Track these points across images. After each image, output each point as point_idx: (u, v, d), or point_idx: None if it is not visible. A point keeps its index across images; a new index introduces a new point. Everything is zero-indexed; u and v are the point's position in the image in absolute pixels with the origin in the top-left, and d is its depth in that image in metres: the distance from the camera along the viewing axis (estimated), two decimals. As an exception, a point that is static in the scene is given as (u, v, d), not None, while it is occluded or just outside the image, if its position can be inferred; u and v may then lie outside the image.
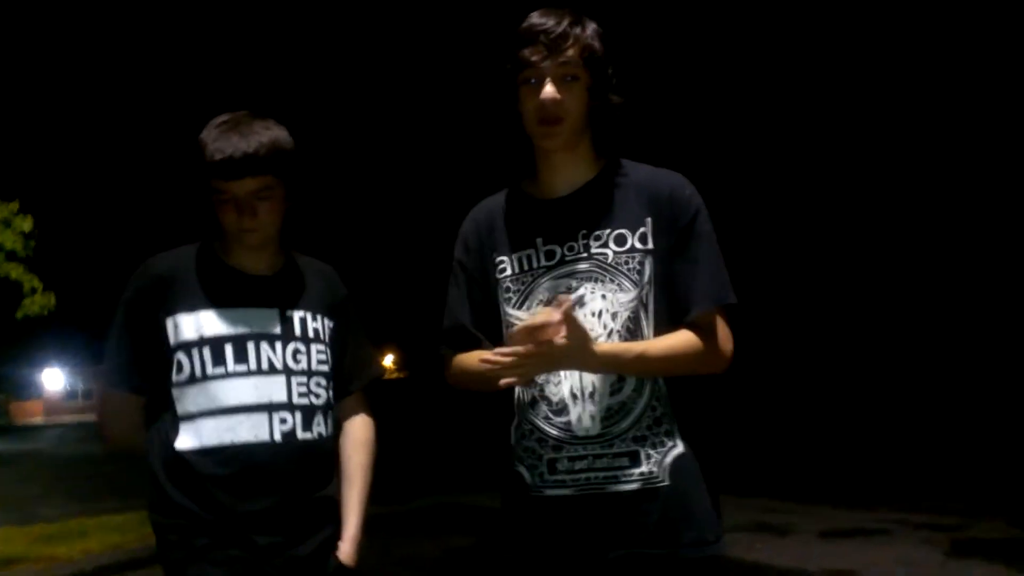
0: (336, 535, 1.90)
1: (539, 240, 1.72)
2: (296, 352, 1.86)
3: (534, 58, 1.64)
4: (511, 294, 1.72)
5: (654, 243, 1.68)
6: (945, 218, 19.29)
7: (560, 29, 1.64)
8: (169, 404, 1.81)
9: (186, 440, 1.78)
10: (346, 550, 1.89)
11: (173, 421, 1.80)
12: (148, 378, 1.85)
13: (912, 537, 6.15)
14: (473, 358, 1.75)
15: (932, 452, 10.60)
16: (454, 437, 17.02)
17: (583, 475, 1.65)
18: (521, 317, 1.69)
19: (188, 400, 1.80)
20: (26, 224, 10.97)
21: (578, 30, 1.66)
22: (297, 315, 1.89)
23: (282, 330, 1.86)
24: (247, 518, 1.76)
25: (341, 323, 1.99)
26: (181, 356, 1.80)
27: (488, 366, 1.56)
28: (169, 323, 1.81)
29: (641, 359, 1.61)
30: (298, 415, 1.83)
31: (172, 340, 1.81)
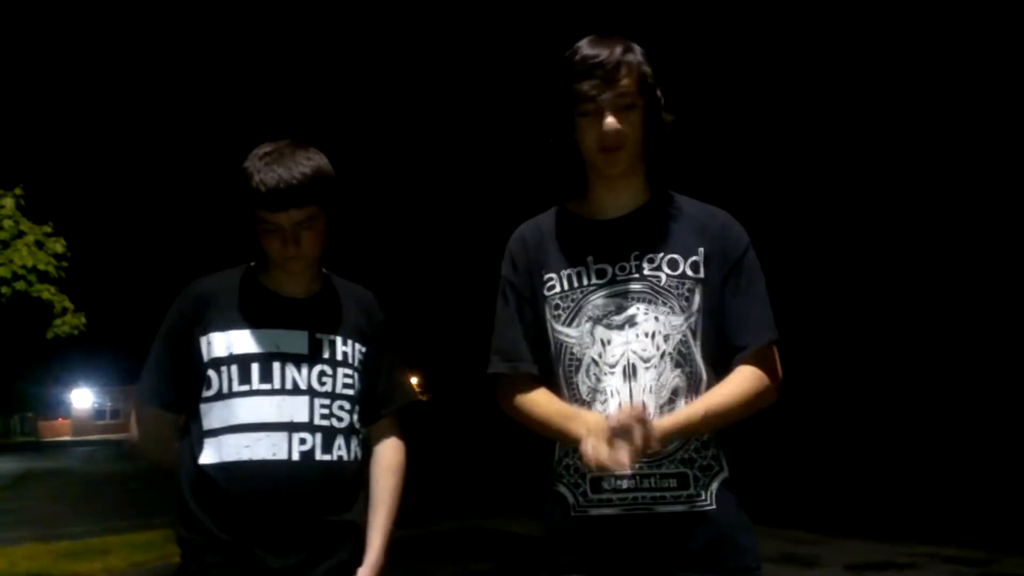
0: (355, 560, 1.89)
1: (590, 258, 1.73)
2: (322, 374, 1.88)
3: (592, 92, 1.65)
4: (560, 311, 1.73)
5: (705, 273, 1.70)
6: (979, 250, 19.08)
7: (614, 60, 1.66)
8: (197, 420, 1.86)
9: (208, 455, 1.82)
10: (364, 574, 1.89)
11: (199, 437, 1.84)
12: (182, 396, 1.89)
13: (940, 571, 6.04)
14: (547, 401, 1.74)
15: (961, 486, 10.42)
16: (476, 461, 16.98)
17: (630, 495, 1.65)
18: (570, 334, 1.70)
19: (213, 416, 1.83)
20: (58, 246, 11.18)
21: (630, 57, 1.68)
22: (327, 338, 1.91)
23: (310, 352, 1.88)
24: (260, 536, 1.77)
25: (375, 349, 2.01)
26: (211, 373, 1.85)
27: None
28: (203, 341, 1.86)
29: (708, 417, 1.62)
30: (318, 436, 1.84)
31: (205, 357, 1.85)
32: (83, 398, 55.05)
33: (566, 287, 1.73)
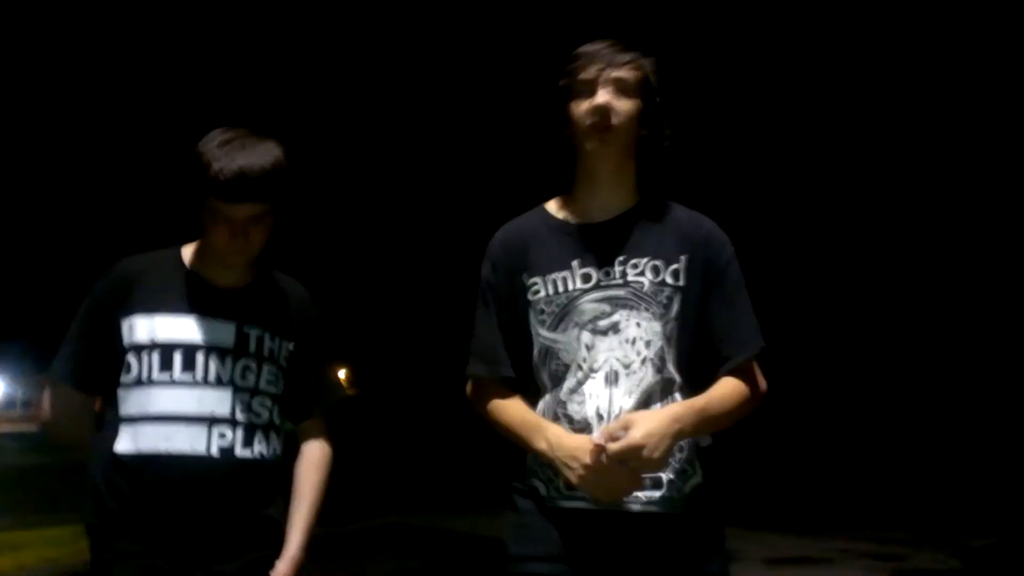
0: (273, 557, 1.86)
1: (575, 263, 1.72)
2: (246, 369, 1.84)
3: (591, 71, 1.68)
4: (545, 316, 1.71)
5: (685, 281, 1.70)
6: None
7: (617, 48, 1.70)
8: (114, 404, 1.80)
9: (124, 443, 1.77)
10: (282, 569, 1.85)
11: (115, 422, 1.79)
12: (97, 377, 1.84)
13: (855, 566, 6.23)
14: (515, 410, 1.74)
15: (877, 481, 10.77)
16: (404, 456, 16.89)
17: None
18: (556, 339, 1.69)
19: (131, 402, 1.78)
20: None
21: (636, 54, 1.71)
22: (254, 332, 1.87)
23: (235, 345, 1.84)
24: (175, 529, 1.73)
25: (303, 346, 1.97)
26: (131, 358, 1.79)
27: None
28: (125, 324, 1.80)
29: (703, 413, 1.63)
30: (239, 431, 1.80)
31: (125, 340, 1.80)
32: (-8, 388, 52.98)
33: (551, 291, 1.72)
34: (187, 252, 1.92)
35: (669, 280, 1.69)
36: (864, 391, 17.89)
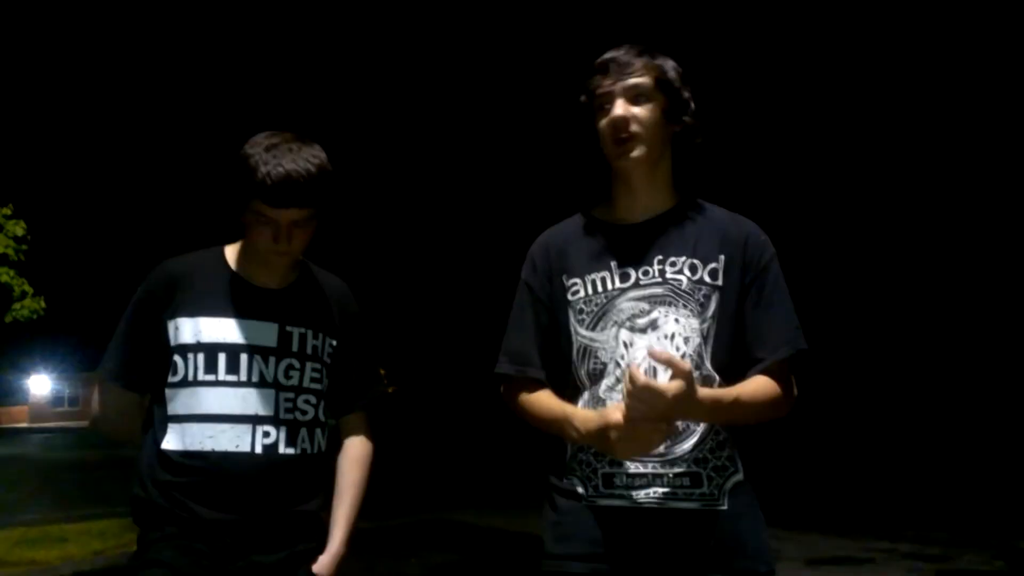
0: (314, 551, 1.89)
1: (613, 263, 1.73)
2: (289, 368, 1.86)
3: (605, 83, 1.70)
4: (584, 315, 1.73)
5: (724, 281, 1.70)
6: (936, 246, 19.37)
7: (628, 57, 1.71)
8: (162, 403, 1.84)
9: (171, 441, 1.80)
10: (324, 562, 1.88)
11: (163, 420, 1.83)
12: (145, 377, 1.88)
13: (898, 566, 6.14)
14: (544, 403, 1.75)
15: (920, 482, 10.61)
16: (440, 453, 16.97)
17: (642, 491, 1.65)
18: (594, 338, 1.71)
19: (178, 402, 1.82)
20: (18, 228, 10.95)
21: (647, 58, 1.72)
22: (297, 331, 1.89)
23: (278, 345, 1.86)
24: (217, 526, 1.76)
25: (346, 342, 1.99)
26: (177, 358, 1.82)
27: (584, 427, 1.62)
28: (171, 325, 1.84)
29: (736, 404, 1.62)
30: (283, 430, 1.83)
31: (172, 342, 1.83)
32: (41, 384, 54.14)
33: (590, 291, 1.73)
34: (230, 253, 1.95)
35: (707, 279, 1.70)
36: (908, 389, 17.62)
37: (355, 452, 2.02)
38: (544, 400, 1.76)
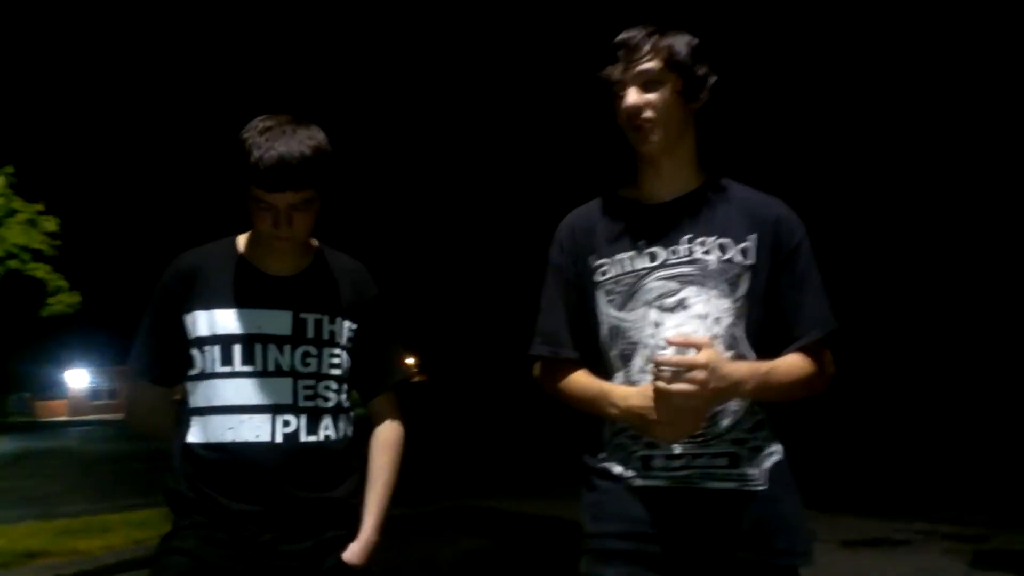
0: (344, 538, 1.89)
1: (641, 243, 1.73)
2: (306, 355, 1.86)
3: (616, 72, 1.70)
4: (614, 295, 1.73)
5: (755, 260, 1.70)
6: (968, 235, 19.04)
7: (636, 41, 1.69)
8: (185, 397, 1.87)
9: (195, 433, 1.83)
10: (355, 550, 1.88)
11: (187, 414, 1.85)
12: (172, 371, 1.89)
13: (935, 548, 6.07)
14: (582, 383, 1.77)
15: (957, 463, 10.48)
16: (470, 441, 17.04)
17: (680, 472, 1.65)
18: (624, 318, 1.71)
19: (198, 395, 1.84)
20: (51, 224, 11.13)
21: (656, 39, 1.70)
22: (312, 318, 1.89)
23: (293, 332, 1.86)
24: (242, 517, 1.78)
25: (366, 324, 1.98)
26: (195, 352, 1.84)
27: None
28: (188, 319, 1.85)
29: (772, 374, 1.64)
30: (303, 418, 1.83)
31: (189, 335, 1.85)
32: (79, 378, 55.08)
33: (619, 272, 1.73)
34: (241, 242, 1.94)
35: (738, 258, 1.69)
36: (945, 371, 17.41)
37: (385, 436, 2.02)
38: (582, 380, 1.77)
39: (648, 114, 1.68)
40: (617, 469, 1.71)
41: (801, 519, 1.70)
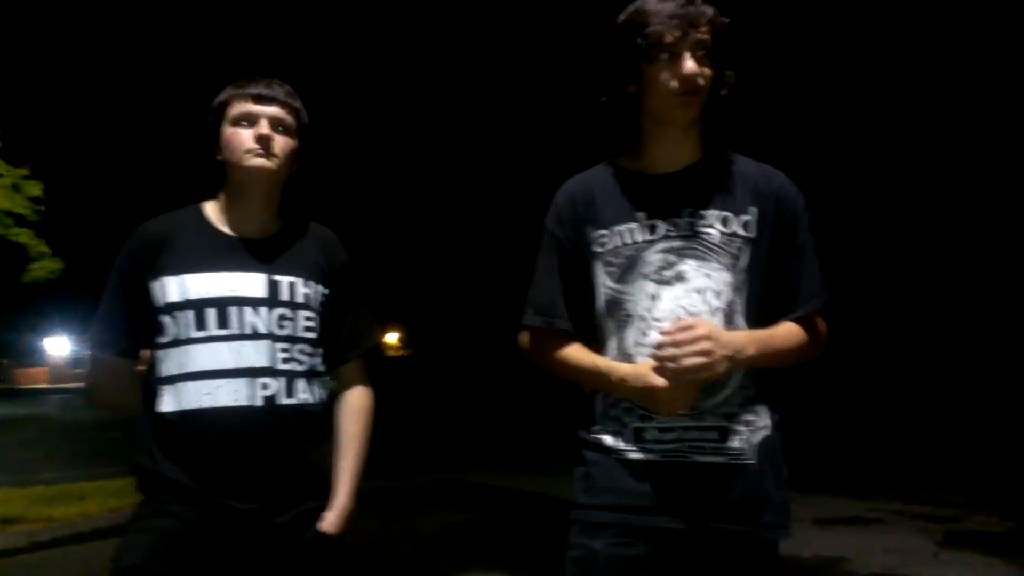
0: (320, 509, 1.87)
1: (642, 215, 1.72)
2: (282, 318, 1.84)
3: (673, 34, 1.64)
4: (612, 267, 1.72)
5: (756, 233, 1.70)
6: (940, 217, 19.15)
7: (696, 10, 1.66)
8: (153, 366, 1.82)
9: (167, 403, 1.78)
10: (331, 519, 1.87)
11: (156, 383, 1.80)
12: (136, 343, 1.86)
13: (907, 527, 6.17)
14: (583, 355, 1.76)
15: (931, 444, 10.61)
16: (455, 415, 17.09)
17: (671, 445, 1.66)
18: (622, 290, 1.70)
19: (170, 362, 1.79)
20: (36, 189, 10.98)
21: (707, 8, 1.68)
22: (286, 280, 1.86)
23: (268, 295, 1.83)
24: (225, 483, 1.75)
25: (338, 289, 1.96)
26: (165, 318, 1.80)
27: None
28: (155, 285, 1.81)
29: (772, 339, 1.67)
30: (281, 381, 1.80)
31: (158, 302, 1.81)
32: (60, 346, 54.78)
33: (619, 243, 1.72)
34: (208, 207, 1.92)
35: (740, 231, 1.69)
36: (919, 350, 17.58)
37: (355, 402, 2.00)
38: (579, 352, 1.76)
39: (701, 82, 1.66)
40: (609, 441, 1.72)
41: (786, 494, 1.72)
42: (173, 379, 1.78)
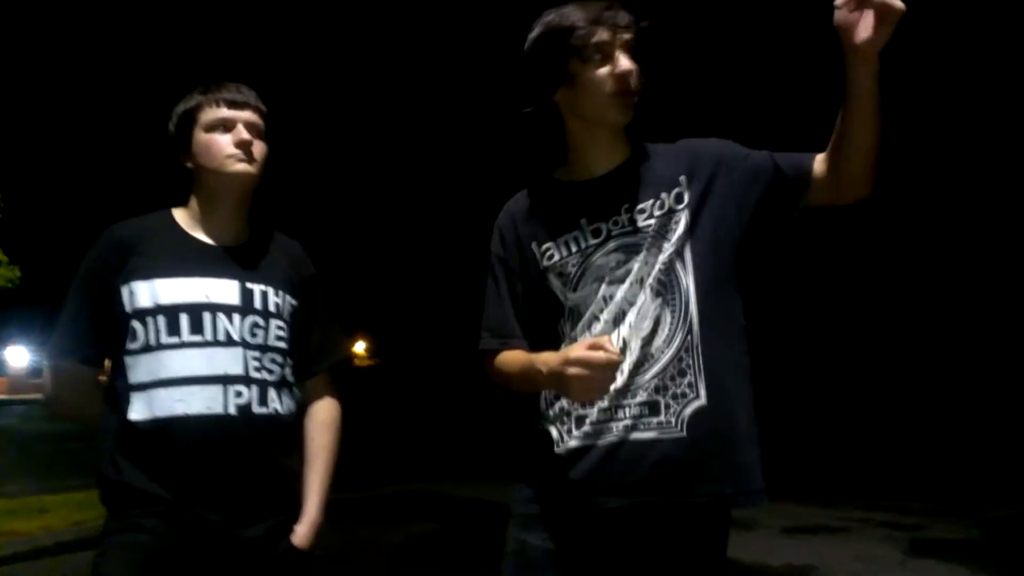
0: (291, 521, 1.85)
1: (583, 220, 1.72)
2: (255, 326, 1.81)
3: (604, 34, 1.64)
4: (565, 277, 1.72)
5: (690, 194, 1.69)
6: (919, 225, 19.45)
7: (619, 11, 1.67)
8: (122, 373, 1.76)
9: (138, 410, 1.72)
10: (302, 532, 1.85)
11: (125, 390, 1.75)
12: (101, 349, 1.82)
13: (873, 535, 6.24)
14: (513, 357, 1.76)
15: (897, 452, 10.75)
16: (421, 426, 17.01)
17: (606, 424, 1.66)
18: (579, 298, 1.70)
19: (141, 369, 1.74)
20: (-8, 198, 10.78)
21: (629, 13, 1.69)
22: (259, 288, 1.84)
23: (242, 302, 1.81)
24: (198, 492, 1.71)
25: (305, 302, 1.95)
26: (136, 324, 1.75)
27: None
28: (124, 290, 1.77)
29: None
30: (254, 389, 1.77)
31: (128, 307, 1.76)
32: (18, 356, 53.67)
33: (565, 253, 1.73)
34: (178, 213, 1.90)
35: (674, 205, 1.70)
36: (882, 360, 17.80)
37: (323, 416, 1.98)
38: (514, 355, 1.77)
39: (635, 81, 1.66)
40: (553, 431, 1.72)
41: (733, 461, 1.66)
42: (144, 386, 1.73)
